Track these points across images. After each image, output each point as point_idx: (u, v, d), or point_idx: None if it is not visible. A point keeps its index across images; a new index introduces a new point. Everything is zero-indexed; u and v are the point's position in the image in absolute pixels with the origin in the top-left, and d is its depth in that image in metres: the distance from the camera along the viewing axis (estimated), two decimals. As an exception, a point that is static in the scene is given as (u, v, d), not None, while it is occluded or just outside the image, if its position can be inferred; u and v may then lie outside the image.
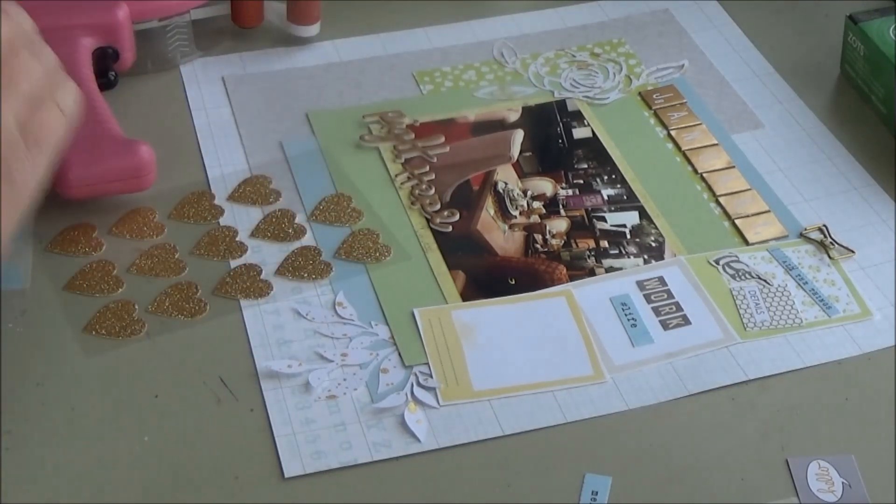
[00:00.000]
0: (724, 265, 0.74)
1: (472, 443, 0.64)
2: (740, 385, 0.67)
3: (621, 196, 0.79)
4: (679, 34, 0.92)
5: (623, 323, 0.70)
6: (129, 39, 0.82)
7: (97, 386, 0.66)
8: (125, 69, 0.83)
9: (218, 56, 0.89)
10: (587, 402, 0.66)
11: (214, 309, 0.70)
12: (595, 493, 0.62)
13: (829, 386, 0.68)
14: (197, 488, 0.61)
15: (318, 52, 0.89)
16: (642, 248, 0.75)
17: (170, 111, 0.84)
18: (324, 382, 0.67)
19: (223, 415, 0.65)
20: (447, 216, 0.77)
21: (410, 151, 0.81)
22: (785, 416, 0.66)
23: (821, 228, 0.77)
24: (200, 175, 0.79)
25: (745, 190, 0.79)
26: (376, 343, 0.69)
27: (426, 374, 0.67)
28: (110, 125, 0.76)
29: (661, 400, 0.67)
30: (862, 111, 0.86)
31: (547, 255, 0.75)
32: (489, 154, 0.82)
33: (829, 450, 0.64)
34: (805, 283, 0.73)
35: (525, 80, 0.88)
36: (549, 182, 0.80)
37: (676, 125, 0.84)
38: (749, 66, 0.90)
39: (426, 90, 0.87)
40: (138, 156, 0.74)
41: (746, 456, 0.64)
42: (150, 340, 0.69)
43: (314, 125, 0.83)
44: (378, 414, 0.65)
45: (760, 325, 0.71)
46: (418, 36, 0.91)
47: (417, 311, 0.71)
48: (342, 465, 0.63)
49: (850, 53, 0.87)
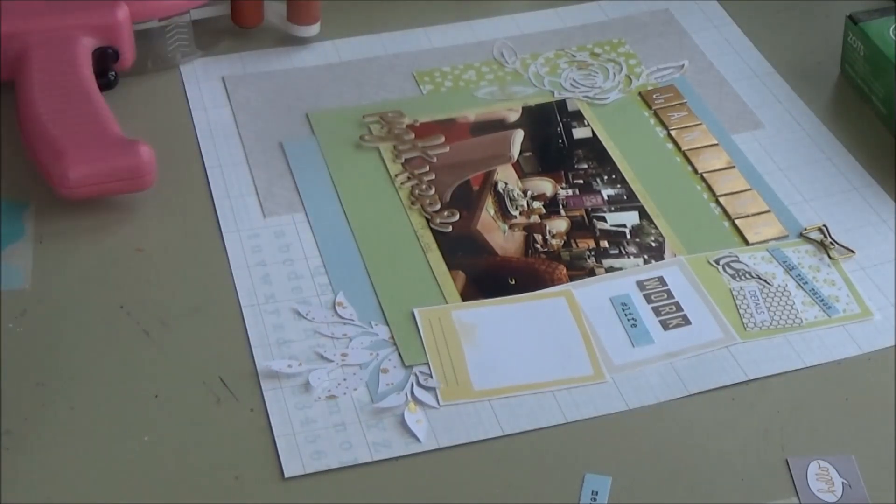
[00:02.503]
0: (724, 265, 0.74)
1: (472, 443, 0.64)
2: (740, 385, 0.67)
3: (621, 196, 0.79)
4: (679, 34, 0.92)
5: (623, 323, 0.70)
6: (129, 39, 0.82)
7: (97, 386, 0.66)
8: (125, 69, 0.83)
9: (218, 56, 0.89)
10: (587, 403, 0.66)
11: (215, 309, 0.70)
12: (595, 493, 0.62)
13: (829, 386, 0.68)
14: (197, 488, 0.61)
15: (318, 52, 0.90)
16: (642, 248, 0.75)
17: (170, 111, 0.84)
18: (324, 382, 0.67)
19: (223, 415, 0.65)
20: (447, 216, 0.77)
21: (410, 151, 0.81)
22: (785, 416, 0.66)
23: (821, 228, 0.77)
24: (200, 175, 0.79)
25: (745, 190, 0.79)
26: (376, 343, 0.69)
27: (426, 374, 0.67)
28: (110, 125, 0.76)
29: (662, 400, 0.67)
30: (862, 111, 0.86)
31: (547, 256, 0.75)
32: (489, 154, 0.82)
33: (829, 450, 0.64)
34: (805, 283, 0.73)
35: (525, 80, 0.88)
36: (549, 182, 0.80)
37: (676, 125, 0.84)
38: (749, 66, 0.90)
39: (426, 90, 0.87)
40: (138, 156, 0.74)
41: (746, 456, 0.64)
42: (150, 340, 0.69)
43: (314, 125, 0.83)
44: (378, 414, 0.65)
45: (760, 325, 0.71)
46: (418, 36, 0.91)
47: (417, 311, 0.71)
48: (342, 465, 0.63)
49: (850, 53, 0.87)
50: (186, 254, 0.74)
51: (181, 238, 0.75)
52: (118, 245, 0.74)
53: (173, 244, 0.75)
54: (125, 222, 0.76)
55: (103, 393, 0.66)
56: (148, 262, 0.73)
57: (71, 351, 0.68)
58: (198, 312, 0.70)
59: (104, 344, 0.68)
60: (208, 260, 0.74)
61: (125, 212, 0.76)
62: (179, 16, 0.86)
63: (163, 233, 0.75)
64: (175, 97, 0.85)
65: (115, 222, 0.76)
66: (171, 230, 0.76)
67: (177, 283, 0.72)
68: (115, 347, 0.68)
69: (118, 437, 0.64)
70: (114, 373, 0.67)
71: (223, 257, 0.74)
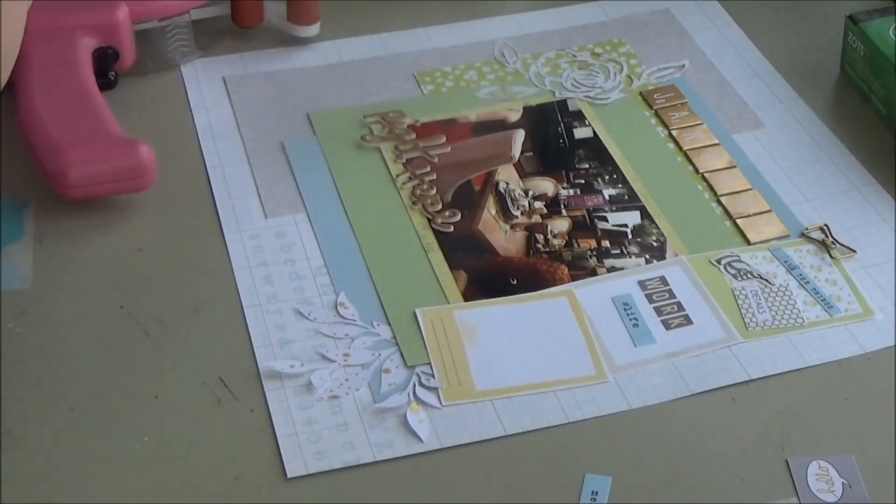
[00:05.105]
0: (726, 265, 0.74)
1: (474, 443, 0.64)
2: (740, 385, 0.67)
3: (623, 196, 0.79)
4: (680, 34, 0.92)
5: (625, 323, 0.70)
6: (129, 39, 0.82)
7: (97, 386, 0.66)
8: (125, 69, 0.83)
9: (218, 56, 0.89)
10: (589, 402, 0.66)
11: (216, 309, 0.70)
12: (595, 493, 0.62)
13: (829, 386, 0.68)
14: (197, 489, 0.61)
15: (318, 52, 0.89)
16: (644, 248, 0.75)
17: (170, 111, 0.84)
18: (326, 382, 0.66)
19: (223, 415, 0.65)
20: (448, 216, 0.77)
21: (412, 151, 0.81)
22: (785, 416, 0.66)
23: (822, 228, 0.77)
24: (201, 175, 0.79)
25: (746, 190, 0.79)
26: (378, 343, 0.69)
27: (428, 374, 0.67)
28: (110, 125, 0.76)
29: (663, 400, 0.67)
30: (862, 111, 0.86)
31: (548, 255, 0.75)
32: (490, 154, 0.82)
33: (829, 450, 0.64)
34: (807, 283, 0.73)
35: (526, 80, 0.88)
36: (551, 182, 0.80)
37: (677, 125, 0.84)
38: (750, 65, 0.90)
39: (427, 90, 0.87)
40: (138, 156, 0.74)
41: (746, 456, 0.64)
42: (150, 340, 0.68)
43: (315, 125, 0.83)
44: (380, 414, 0.65)
45: (762, 325, 0.71)
46: (419, 36, 0.91)
47: (419, 311, 0.70)
48: (345, 465, 0.63)
49: (850, 53, 0.87)
50: (187, 254, 0.74)
51: (182, 238, 0.75)
52: (118, 245, 0.74)
53: (173, 244, 0.75)
54: (125, 222, 0.76)
55: (103, 393, 0.66)
56: (148, 262, 0.73)
57: (71, 351, 0.68)
58: (198, 312, 0.70)
59: (104, 344, 0.68)
60: (209, 260, 0.74)
61: (125, 212, 0.76)
62: (179, 16, 0.86)
63: (163, 233, 0.75)
64: (175, 97, 0.85)
65: (115, 222, 0.75)
66: (171, 230, 0.75)
67: (177, 283, 0.72)
68: (115, 347, 0.68)
69: (118, 437, 0.64)
70: (114, 373, 0.67)
71: (224, 257, 0.74)
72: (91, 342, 0.68)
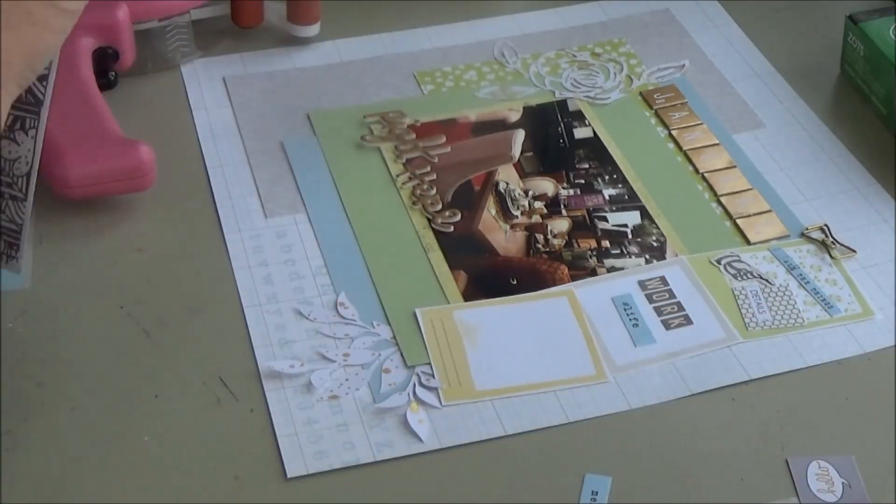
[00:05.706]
0: (726, 265, 0.74)
1: (474, 443, 0.64)
2: (740, 385, 0.67)
3: (623, 196, 0.79)
4: (679, 34, 0.92)
5: (625, 323, 0.70)
6: (129, 39, 0.82)
7: (97, 386, 0.66)
8: (125, 69, 0.83)
9: (218, 56, 0.89)
10: (589, 402, 0.66)
11: (216, 309, 0.70)
12: (595, 493, 0.62)
13: (829, 386, 0.68)
14: (197, 489, 0.61)
15: (318, 52, 0.89)
16: (644, 248, 0.75)
17: (170, 111, 0.84)
18: (326, 382, 0.66)
19: (223, 415, 0.65)
20: (448, 216, 0.77)
21: (412, 151, 0.81)
22: (785, 416, 0.66)
23: (822, 228, 0.77)
24: (201, 175, 0.79)
25: (746, 190, 0.79)
26: (378, 343, 0.69)
27: (428, 374, 0.67)
28: (110, 125, 0.76)
29: (663, 400, 0.67)
30: (862, 111, 0.86)
31: (548, 255, 0.75)
32: (490, 154, 0.82)
33: (829, 450, 0.64)
34: (807, 283, 0.73)
35: (526, 80, 0.88)
36: (551, 182, 0.80)
37: (677, 125, 0.84)
38: (750, 65, 0.90)
39: (427, 90, 0.87)
40: (138, 156, 0.74)
41: (746, 456, 0.64)
42: (150, 340, 0.68)
43: (315, 125, 0.83)
44: (380, 414, 0.65)
45: (762, 325, 0.71)
46: (419, 36, 0.91)
47: (419, 311, 0.70)
48: (345, 465, 0.63)
49: (850, 53, 0.87)
50: (187, 254, 0.74)
51: (182, 238, 0.75)
52: (118, 245, 0.74)
53: (173, 244, 0.75)
54: (125, 222, 0.76)
55: (103, 393, 0.66)
56: (148, 262, 0.73)
57: (71, 351, 0.68)
58: (198, 312, 0.70)
59: (104, 344, 0.68)
60: (209, 260, 0.74)
61: (125, 212, 0.76)
62: (179, 16, 0.86)
63: (163, 233, 0.75)
64: (175, 97, 0.85)
65: (115, 222, 0.76)
66: (171, 230, 0.75)
67: (177, 283, 0.72)
68: (115, 347, 0.68)
69: (118, 437, 0.64)
70: (114, 373, 0.67)
71: (224, 257, 0.74)
72: (91, 342, 0.68)
